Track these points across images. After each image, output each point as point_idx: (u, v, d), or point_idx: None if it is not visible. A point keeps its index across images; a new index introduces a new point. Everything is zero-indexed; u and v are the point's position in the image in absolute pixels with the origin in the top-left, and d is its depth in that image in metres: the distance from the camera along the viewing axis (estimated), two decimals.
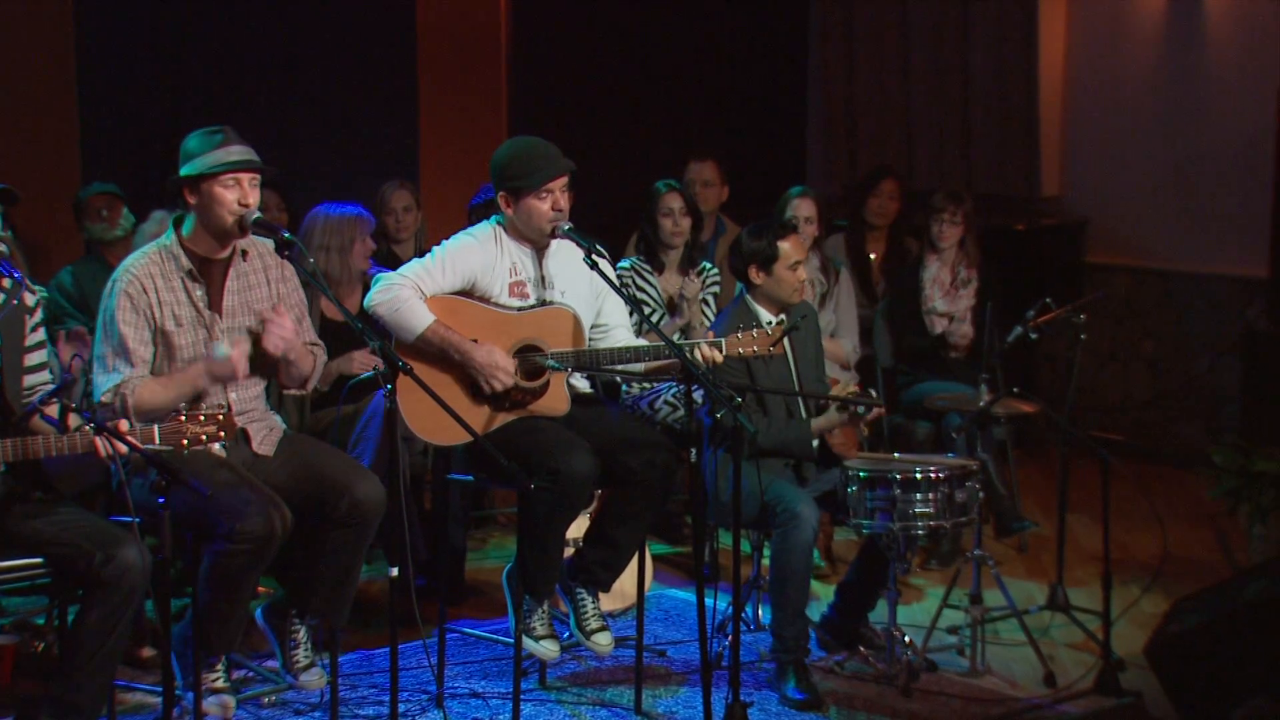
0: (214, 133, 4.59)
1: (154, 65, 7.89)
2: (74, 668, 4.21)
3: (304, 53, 8.35)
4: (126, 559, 4.16)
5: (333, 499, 4.57)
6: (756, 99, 9.89)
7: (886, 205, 7.58)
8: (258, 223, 4.59)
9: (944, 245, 6.97)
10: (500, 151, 5.07)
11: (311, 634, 4.79)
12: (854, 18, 9.76)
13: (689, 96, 9.62)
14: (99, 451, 4.08)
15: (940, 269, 6.99)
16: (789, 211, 6.60)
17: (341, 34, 8.49)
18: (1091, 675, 5.29)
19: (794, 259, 5.42)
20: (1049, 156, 8.92)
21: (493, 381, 4.86)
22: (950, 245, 6.97)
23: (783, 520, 5.11)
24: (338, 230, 6.09)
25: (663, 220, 6.54)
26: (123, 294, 4.51)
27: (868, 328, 7.19)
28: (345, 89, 8.48)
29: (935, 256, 7.01)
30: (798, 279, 5.43)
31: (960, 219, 6.94)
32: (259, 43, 8.22)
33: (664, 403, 6.40)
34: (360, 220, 6.15)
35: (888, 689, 5.22)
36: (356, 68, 8.53)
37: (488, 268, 4.98)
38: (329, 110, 8.42)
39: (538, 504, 4.79)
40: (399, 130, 8.70)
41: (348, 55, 8.50)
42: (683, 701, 5.17)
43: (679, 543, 6.86)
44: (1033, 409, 5.71)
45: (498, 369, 4.86)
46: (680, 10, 9.58)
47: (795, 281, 5.43)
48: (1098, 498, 5.34)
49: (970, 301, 6.93)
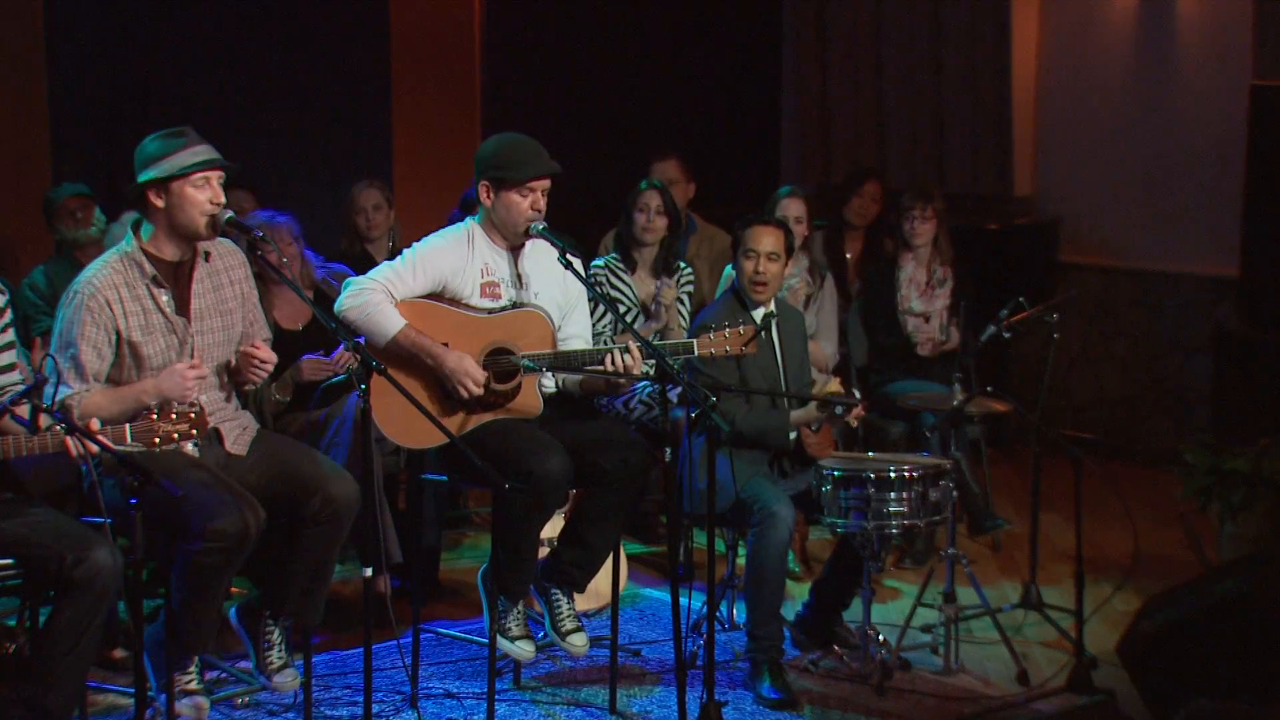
0: (176, 134, 4.54)
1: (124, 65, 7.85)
2: (46, 669, 4.18)
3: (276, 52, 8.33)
4: (98, 560, 4.13)
5: (305, 497, 4.55)
6: (730, 98, 9.91)
7: (868, 206, 7.59)
8: (230, 222, 4.56)
9: (918, 243, 6.98)
10: (489, 142, 5.07)
11: (285, 635, 4.77)
12: (826, 16, 9.78)
13: (662, 96, 9.63)
14: (70, 452, 4.05)
15: (916, 269, 7.00)
16: (778, 211, 6.59)
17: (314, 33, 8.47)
18: (1064, 673, 5.30)
19: (747, 245, 5.43)
20: (1022, 156, 8.95)
21: (462, 387, 4.86)
22: (924, 243, 6.98)
23: (759, 519, 5.12)
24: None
25: (637, 215, 6.54)
26: (84, 307, 4.44)
27: (843, 328, 7.20)
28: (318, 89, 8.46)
29: (910, 255, 7.02)
30: (751, 268, 5.43)
31: (931, 214, 6.95)
32: (231, 42, 8.20)
33: (638, 402, 6.40)
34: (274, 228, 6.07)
35: (862, 687, 5.23)
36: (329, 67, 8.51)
37: (458, 270, 4.97)
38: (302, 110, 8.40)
39: (512, 504, 4.78)
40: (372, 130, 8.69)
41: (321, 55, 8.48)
42: (657, 701, 5.17)
43: (653, 542, 6.86)
44: (1006, 408, 5.72)
45: (468, 375, 4.85)
46: (653, 10, 9.59)
47: (749, 270, 5.44)
48: (1070, 496, 5.36)
49: (946, 301, 6.94)
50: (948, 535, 5.52)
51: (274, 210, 6.19)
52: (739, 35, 9.96)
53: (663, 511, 6.87)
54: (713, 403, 4.61)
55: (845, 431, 6.53)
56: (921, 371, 6.89)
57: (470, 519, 7.21)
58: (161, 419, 4.14)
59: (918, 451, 6.00)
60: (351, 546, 5.63)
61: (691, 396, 4.61)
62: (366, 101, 8.68)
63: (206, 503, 4.32)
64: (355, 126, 8.63)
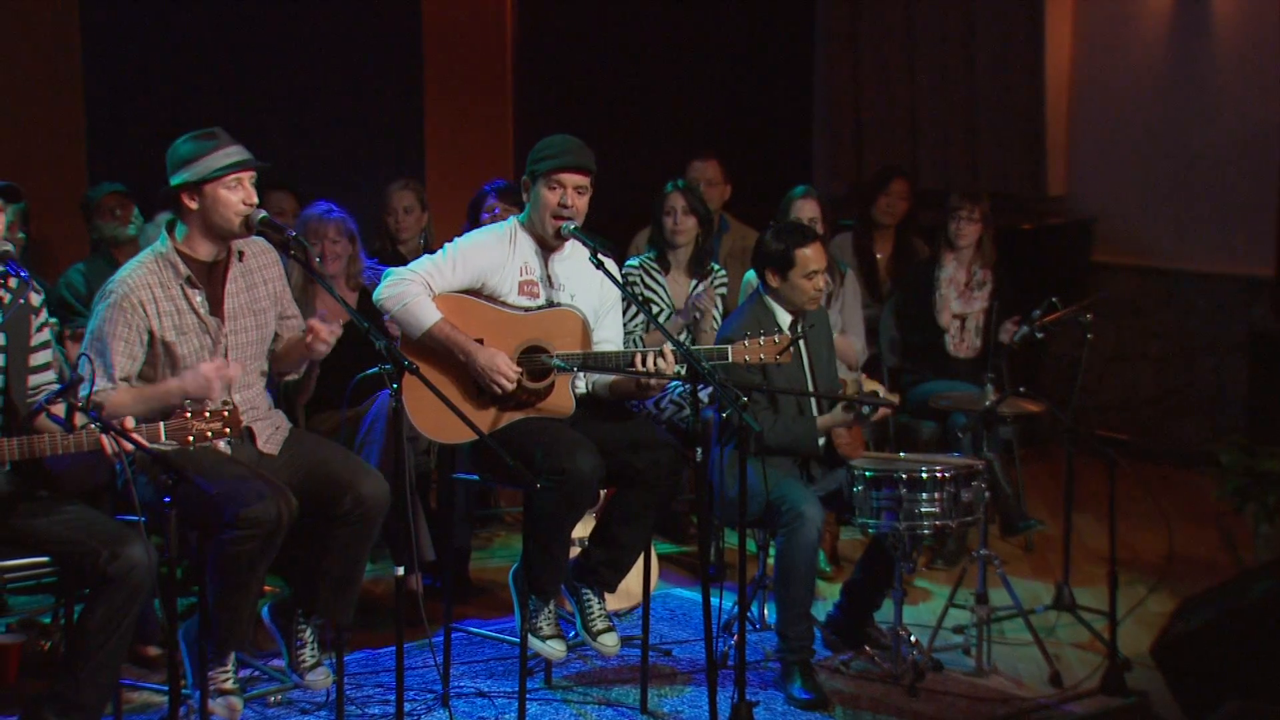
0: (207, 136, 4.55)
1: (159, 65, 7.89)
2: (79, 665, 4.21)
3: (310, 53, 8.36)
4: (132, 557, 4.16)
5: (337, 497, 4.57)
6: (762, 98, 9.89)
7: (896, 205, 7.57)
8: (264, 221, 4.58)
9: (962, 244, 6.96)
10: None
11: (317, 633, 4.79)
12: (859, 17, 9.76)
13: (694, 96, 9.63)
14: (105, 450, 4.08)
15: (956, 269, 6.99)
16: (792, 213, 6.59)
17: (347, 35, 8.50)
18: (1097, 675, 5.28)
19: (811, 268, 5.39)
20: (1055, 156, 8.92)
21: (494, 384, 4.86)
22: (968, 245, 6.97)
23: (788, 520, 5.11)
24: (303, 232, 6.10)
25: (664, 219, 6.55)
26: (117, 307, 4.46)
27: (873, 327, 7.19)
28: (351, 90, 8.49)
29: (952, 256, 7.01)
30: (814, 288, 5.41)
31: (978, 218, 6.95)
32: (265, 43, 8.23)
33: (669, 402, 6.40)
34: (321, 222, 6.10)
35: (893, 688, 5.22)
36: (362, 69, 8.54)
37: (498, 266, 4.97)
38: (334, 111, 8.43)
39: (543, 504, 4.79)
40: (404, 131, 8.71)
41: (353, 56, 8.51)
42: (688, 701, 5.17)
43: (684, 542, 6.86)
44: (1038, 408, 5.70)
45: (499, 373, 4.86)
46: (685, 10, 9.58)
47: (811, 290, 5.42)
48: (1103, 497, 5.33)
49: (984, 304, 6.93)
50: (980, 536, 5.50)
51: (333, 204, 6.21)
52: (771, 34, 9.95)
53: (693, 511, 6.87)
54: (744, 403, 4.60)
55: (876, 432, 6.52)
56: (954, 372, 6.88)
57: (502, 518, 7.22)
58: (195, 418, 4.16)
59: (949, 452, 5.98)
60: (383, 545, 5.65)
61: (723, 397, 4.61)
62: (399, 103, 8.70)
63: (239, 492, 4.34)
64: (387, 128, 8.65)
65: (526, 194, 5.02)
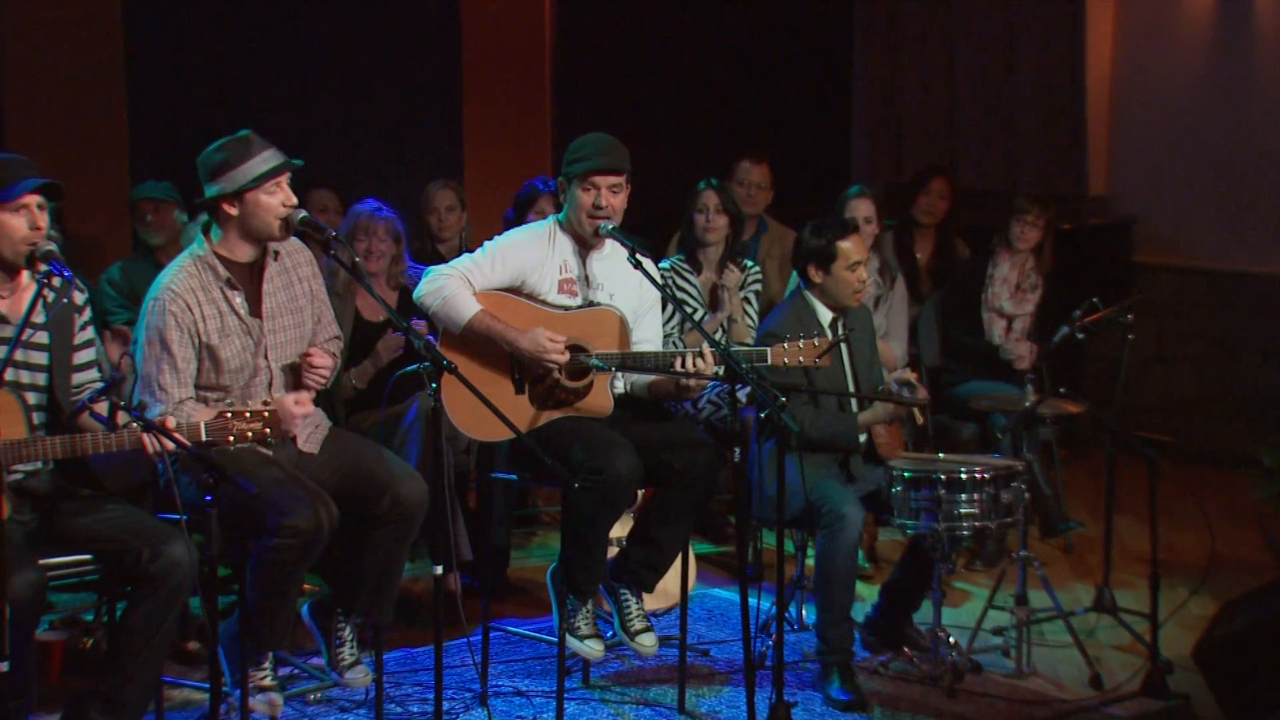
0: (241, 142, 4.55)
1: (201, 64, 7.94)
2: (121, 663, 4.24)
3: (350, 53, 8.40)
4: (174, 555, 4.19)
5: (375, 497, 4.59)
6: (801, 97, 9.87)
7: (936, 204, 7.54)
8: (304, 221, 4.59)
9: (1022, 247, 6.94)
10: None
11: (357, 632, 4.81)
12: (898, 16, 9.73)
13: (732, 96, 9.62)
14: (147, 449, 4.10)
15: (1010, 270, 6.96)
16: (847, 212, 6.55)
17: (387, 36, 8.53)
18: (1138, 677, 5.25)
19: (854, 259, 5.39)
20: (1096, 155, 8.87)
21: (545, 363, 4.86)
22: (1027, 248, 6.95)
23: (828, 521, 5.10)
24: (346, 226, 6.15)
25: (696, 217, 6.53)
26: (167, 313, 4.48)
27: (913, 327, 7.16)
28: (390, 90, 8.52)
29: (1008, 256, 6.97)
30: (857, 279, 5.41)
31: (1042, 223, 6.92)
32: (305, 43, 8.27)
33: (707, 402, 6.40)
34: (371, 220, 6.13)
35: (933, 690, 5.20)
36: (402, 69, 8.56)
37: (538, 264, 4.98)
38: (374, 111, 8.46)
39: (581, 503, 4.79)
40: (443, 131, 8.73)
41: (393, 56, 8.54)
42: (726, 701, 5.16)
43: (722, 542, 6.85)
44: (1079, 409, 5.67)
45: (546, 352, 4.85)
46: (724, 10, 9.57)
47: (854, 282, 5.41)
48: (1144, 499, 5.30)
49: (1033, 308, 6.90)
50: (1019, 537, 5.48)
51: (382, 203, 6.24)
52: (809, 34, 9.93)
53: (731, 511, 6.86)
54: (782, 403, 4.59)
55: (916, 432, 6.50)
56: (994, 372, 6.85)
57: (539, 518, 7.23)
58: (236, 417, 4.19)
59: (989, 453, 5.95)
60: (422, 544, 5.66)
61: (761, 397, 4.61)
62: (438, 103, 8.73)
63: (280, 499, 4.37)
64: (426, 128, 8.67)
65: (563, 194, 5.03)
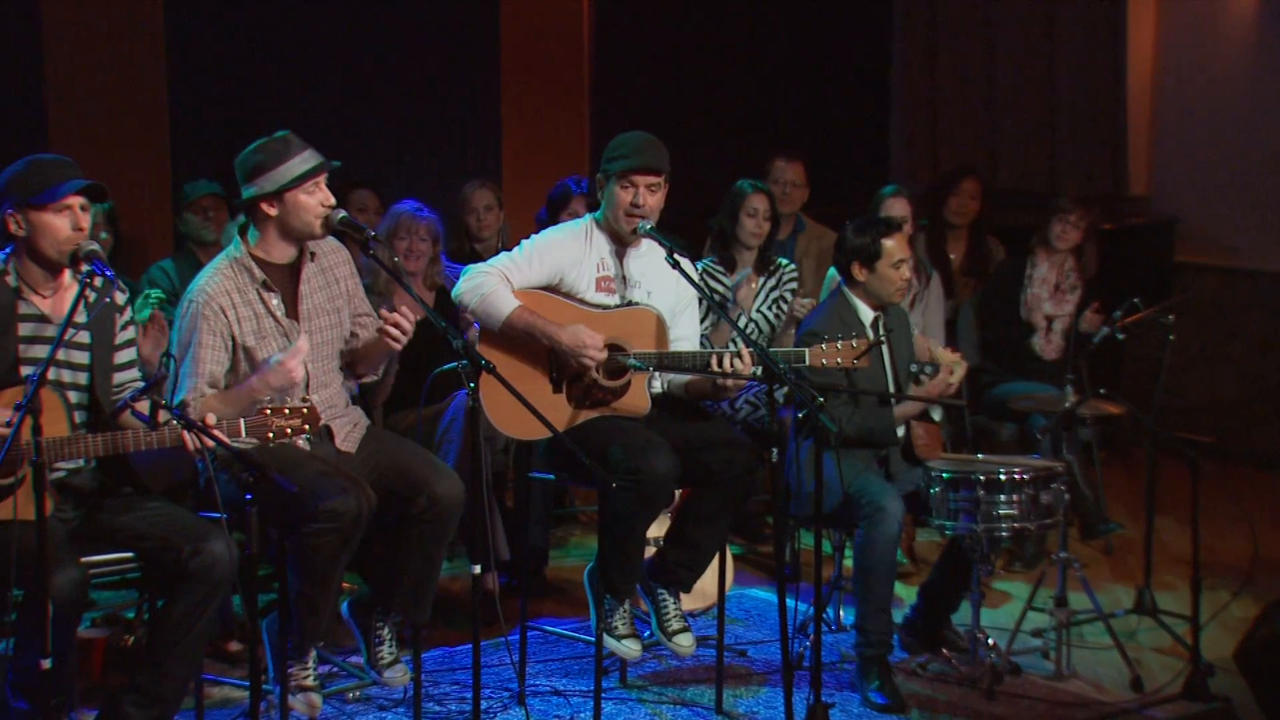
0: (281, 141, 4.58)
1: (243, 66, 7.99)
2: (159, 659, 4.27)
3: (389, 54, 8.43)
4: (214, 552, 4.21)
5: (412, 496, 4.60)
6: (838, 96, 9.85)
7: (967, 205, 7.50)
8: (344, 221, 4.61)
9: (1061, 247, 6.90)
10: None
11: (395, 630, 4.82)
12: (937, 15, 9.70)
13: (770, 95, 9.60)
14: (187, 446, 4.13)
15: (1049, 270, 6.93)
16: (882, 212, 6.53)
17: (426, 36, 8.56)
18: (1179, 680, 5.21)
19: (898, 257, 5.39)
20: (1137, 154, 8.82)
21: (582, 359, 4.86)
22: (1066, 248, 6.91)
23: (867, 513, 5.08)
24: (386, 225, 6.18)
25: (746, 219, 6.50)
26: (200, 315, 4.50)
27: (949, 326, 7.13)
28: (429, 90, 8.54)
29: (1046, 256, 6.94)
30: (900, 278, 5.40)
31: (1084, 225, 6.89)
32: (345, 43, 8.31)
33: (745, 402, 6.39)
34: (412, 219, 6.15)
35: (971, 691, 5.18)
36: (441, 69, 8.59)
37: (575, 262, 4.99)
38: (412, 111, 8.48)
39: (619, 503, 4.79)
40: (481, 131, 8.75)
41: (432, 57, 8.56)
42: (764, 702, 5.15)
43: (760, 542, 6.85)
44: (1119, 410, 5.64)
45: (585, 346, 4.85)
46: (762, 8, 9.56)
47: (898, 280, 5.41)
48: (1185, 500, 5.26)
49: (1073, 309, 6.87)
50: (1059, 539, 5.45)
51: (423, 204, 6.27)
52: (847, 32, 9.90)
53: (769, 512, 6.85)
54: (820, 403, 4.58)
55: (954, 433, 6.47)
56: (1034, 372, 6.81)
57: (577, 517, 7.24)
58: (275, 414, 4.21)
59: (1028, 454, 5.93)
60: (460, 543, 5.68)
61: (799, 397, 4.59)
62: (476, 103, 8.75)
63: (320, 486, 4.38)
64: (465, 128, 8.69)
65: (601, 191, 5.04)
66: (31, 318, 4.29)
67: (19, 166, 4.28)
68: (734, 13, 9.50)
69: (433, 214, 6.25)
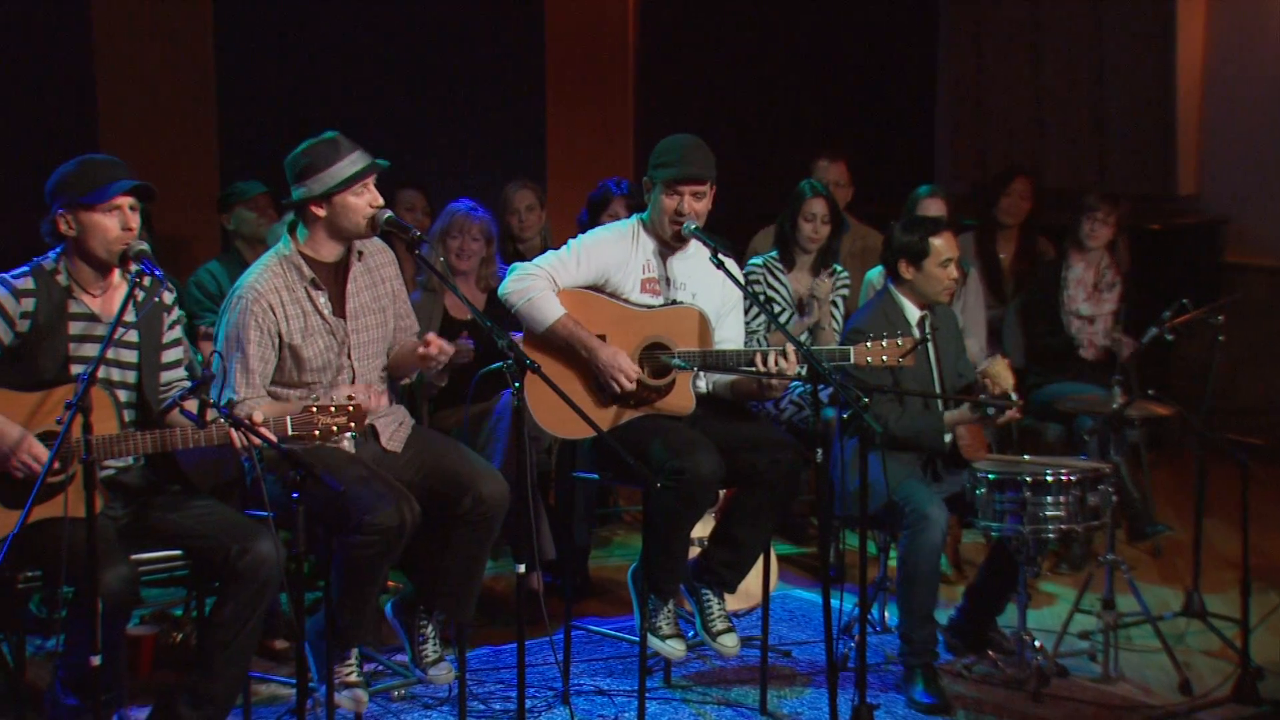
0: (330, 143, 4.60)
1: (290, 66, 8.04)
2: (209, 657, 4.30)
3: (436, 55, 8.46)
4: (262, 551, 4.24)
5: (457, 496, 4.61)
6: (884, 97, 9.82)
7: (1018, 204, 7.46)
8: (390, 221, 4.63)
9: (1092, 245, 6.86)
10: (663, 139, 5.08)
11: (440, 629, 4.84)
12: (983, 14, 9.66)
13: (816, 95, 9.59)
14: (235, 445, 4.16)
15: (1085, 270, 6.88)
16: (918, 212, 6.53)
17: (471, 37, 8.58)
18: (1229, 684, 5.17)
19: (945, 256, 5.38)
20: (1186, 154, 8.75)
21: (615, 382, 4.88)
22: (1098, 246, 6.87)
23: (912, 521, 5.06)
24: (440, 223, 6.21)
25: (804, 224, 6.51)
26: (248, 311, 4.53)
27: (997, 328, 7.10)
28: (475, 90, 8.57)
29: (1081, 257, 6.90)
30: (948, 276, 5.39)
31: (1113, 221, 6.84)
32: (391, 45, 8.35)
33: (789, 402, 6.38)
34: (466, 218, 6.18)
35: (1017, 694, 5.15)
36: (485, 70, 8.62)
37: (621, 263, 4.99)
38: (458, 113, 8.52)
39: (663, 503, 4.79)
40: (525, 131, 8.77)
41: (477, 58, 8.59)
42: (808, 703, 5.14)
43: (804, 543, 6.83)
44: (1168, 412, 5.59)
45: (620, 371, 4.87)
46: (807, 9, 9.54)
47: (945, 279, 5.39)
48: (1235, 502, 5.21)
49: (1113, 306, 6.82)
50: (1106, 541, 5.41)
51: (478, 204, 6.30)
52: (894, 32, 9.87)
53: (813, 512, 6.84)
54: (865, 404, 4.57)
55: (999, 434, 6.44)
56: (1081, 374, 6.77)
57: (621, 517, 7.24)
58: (321, 412, 4.23)
59: (1075, 455, 5.88)
60: (504, 543, 5.69)
61: (843, 398, 4.58)
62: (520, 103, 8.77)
63: (364, 497, 4.41)
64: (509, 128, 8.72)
65: (647, 194, 5.04)
66: (82, 317, 4.33)
67: (70, 167, 4.32)
68: (779, 12, 9.49)
69: (487, 213, 6.28)
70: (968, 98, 9.80)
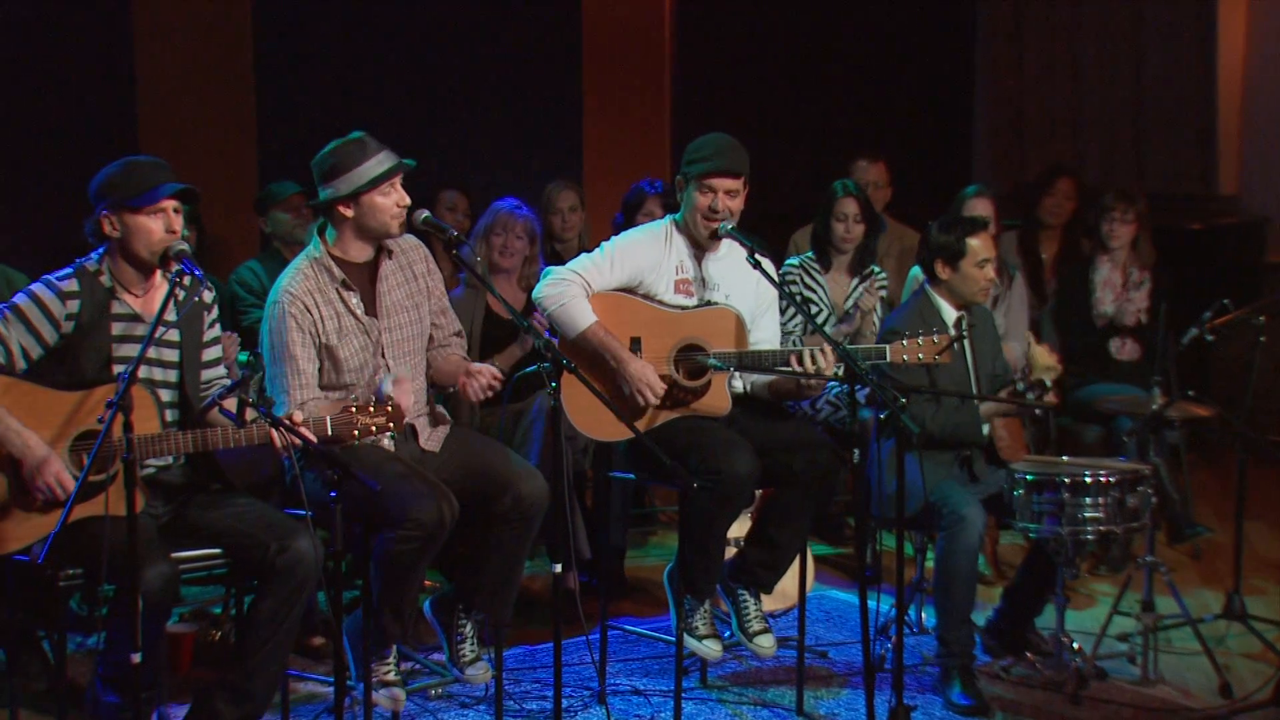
0: (357, 143, 4.60)
1: (329, 67, 8.08)
2: (247, 655, 4.32)
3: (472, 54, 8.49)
4: (300, 549, 4.26)
5: (496, 495, 4.62)
6: (923, 96, 9.79)
7: (1062, 205, 7.42)
8: (427, 222, 4.64)
9: (1114, 245, 6.83)
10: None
11: (477, 629, 4.85)
12: (1022, 15, 9.62)
13: (854, 95, 9.56)
14: (275, 444, 4.18)
15: (1111, 270, 6.85)
16: (965, 212, 6.49)
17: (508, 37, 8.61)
18: (1270, 686, 5.12)
19: (982, 256, 5.36)
20: (1227, 154, 8.70)
21: (640, 395, 4.88)
22: (1121, 245, 6.83)
23: (949, 523, 5.05)
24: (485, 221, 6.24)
25: (835, 224, 6.50)
26: (288, 315, 4.55)
27: (1038, 328, 7.07)
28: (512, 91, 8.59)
29: (1106, 257, 6.87)
30: (985, 277, 5.37)
31: (1133, 218, 6.80)
32: (427, 45, 8.38)
33: (826, 403, 6.37)
34: (510, 217, 6.21)
35: (1056, 696, 5.13)
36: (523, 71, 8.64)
37: (654, 264, 5.00)
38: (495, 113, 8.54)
39: (699, 503, 4.79)
40: (562, 132, 8.79)
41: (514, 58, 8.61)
42: (845, 704, 5.13)
43: (841, 544, 6.82)
44: (1208, 413, 5.56)
45: (647, 385, 4.88)
46: (845, 9, 9.52)
47: (982, 279, 5.37)
48: (1276, 503, 5.19)
49: (1144, 304, 6.78)
50: (1146, 542, 5.38)
51: (523, 203, 6.33)
52: (933, 34, 9.84)
53: (850, 513, 6.83)
54: (902, 404, 4.56)
55: (1038, 435, 6.41)
56: (1118, 374, 6.74)
57: (657, 517, 7.25)
58: (360, 412, 4.25)
59: (1114, 456, 5.85)
60: (541, 543, 5.70)
61: (880, 398, 4.57)
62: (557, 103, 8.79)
63: (403, 493, 4.42)
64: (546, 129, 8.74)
65: (680, 193, 5.04)
66: (124, 317, 4.37)
67: (114, 168, 4.35)
68: (817, 14, 9.47)
69: (530, 212, 6.31)
70: (1006, 97, 9.76)
